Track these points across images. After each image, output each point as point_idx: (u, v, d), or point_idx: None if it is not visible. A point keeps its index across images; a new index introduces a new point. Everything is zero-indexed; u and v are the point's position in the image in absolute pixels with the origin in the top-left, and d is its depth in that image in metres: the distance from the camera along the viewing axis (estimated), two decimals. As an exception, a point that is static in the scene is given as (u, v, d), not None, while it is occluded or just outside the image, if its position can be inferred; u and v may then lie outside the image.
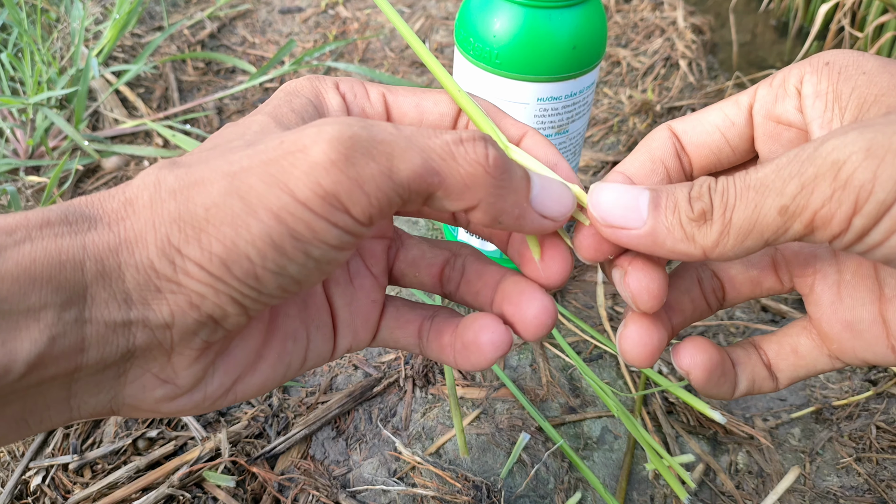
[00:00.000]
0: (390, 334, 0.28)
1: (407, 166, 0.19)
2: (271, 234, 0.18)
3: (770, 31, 0.94)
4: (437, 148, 0.20)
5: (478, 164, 0.20)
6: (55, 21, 0.84)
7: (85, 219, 0.19)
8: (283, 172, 0.18)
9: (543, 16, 0.40)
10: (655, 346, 0.25)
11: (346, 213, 0.19)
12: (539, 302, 0.24)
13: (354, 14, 0.94)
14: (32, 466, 0.44)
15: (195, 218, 0.18)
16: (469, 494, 0.42)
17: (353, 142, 0.19)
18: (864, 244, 0.19)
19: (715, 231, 0.21)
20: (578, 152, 0.49)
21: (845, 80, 0.23)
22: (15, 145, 0.68)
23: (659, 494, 0.43)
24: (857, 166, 0.18)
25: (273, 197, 0.18)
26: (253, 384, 0.24)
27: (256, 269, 0.19)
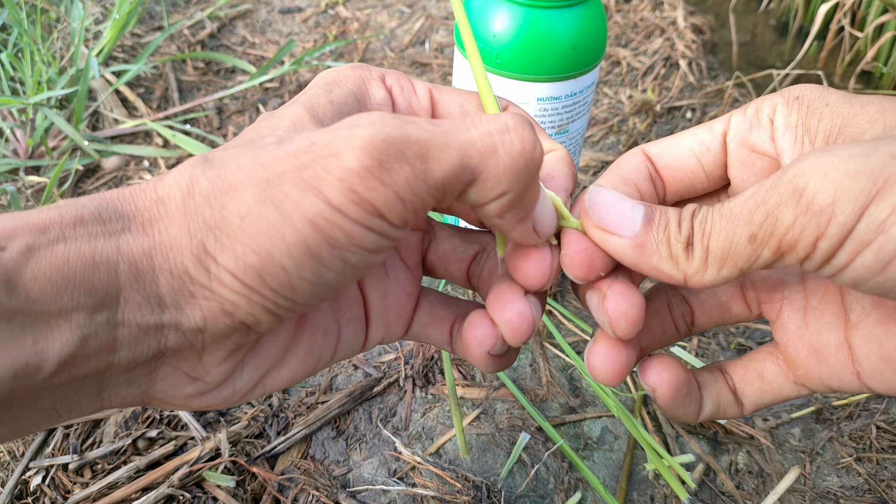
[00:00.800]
0: (423, 330, 0.27)
1: (441, 167, 0.19)
2: (307, 243, 0.18)
3: (770, 31, 0.94)
4: (476, 141, 0.19)
5: (521, 157, 0.19)
6: (55, 21, 0.84)
7: (118, 217, 0.19)
8: (317, 178, 0.18)
9: (543, 16, 0.40)
10: (624, 365, 0.25)
11: (381, 217, 0.19)
12: (515, 308, 0.23)
13: (354, 14, 0.94)
14: (32, 466, 0.44)
15: (230, 226, 0.18)
16: (469, 494, 0.42)
17: (386, 145, 0.18)
18: (831, 266, 0.20)
19: (696, 258, 0.22)
20: (578, 152, 0.49)
21: (812, 112, 0.23)
22: (15, 145, 0.68)
23: (659, 494, 0.43)
24: (817, 191, 0.19)
25: (308, 203, 0.18)
26: (281, 377, 0.24)
27: (292, 279, 0.19)
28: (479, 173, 0.19)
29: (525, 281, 0.24)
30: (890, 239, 0.18)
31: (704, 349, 0.52)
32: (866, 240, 0.19)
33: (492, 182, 0.19)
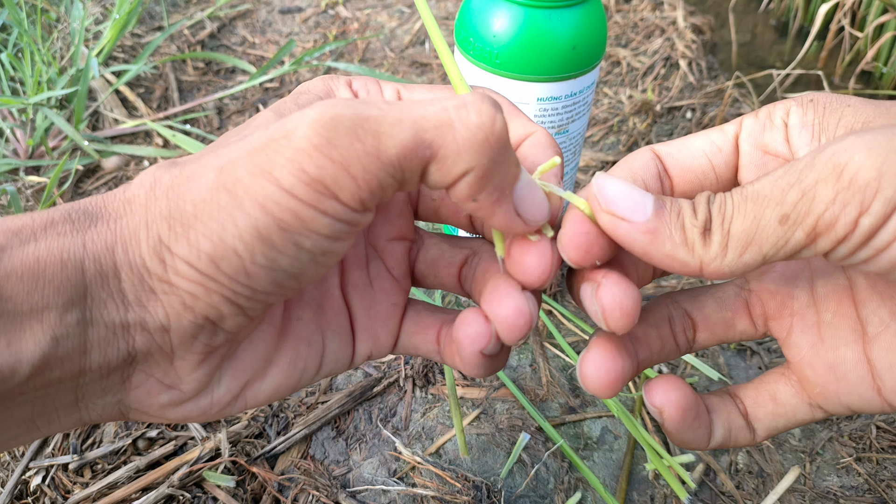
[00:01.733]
0: (410, 340, 0.26)
1: (395, 142, 0.18)
2: (258, 226, 0.18)
3: (770, 31, 0.94)
4: (431, 116, 0.18)
5: (479, 130, 0.18)
6: (55, 21, 0.84)
7: (87, 216, 0.19)
8: (268, 161, 0.18)
9: (543, 16, 0.40)
10: (618, 376, 0.24)
11: (334, 199, 0.18)
12: (512, 302, 0.22)
13: (354, 14, 0.94)
14: (32, 466, 0.44)
15: (184, 214, 0.18)
16: (469, 494, 0.42)
17: (335, 122, 0.18)
18: (870, 247, 0.19)
19: (714, 243, 0.20)
20: (578, 152, 0.49)
21: (831, 112, 0.23)
22: (15, 145, 0.68)
23: (659, 494, 0.43)
24: (861, 165, 0.18)
25: (258, 187, 0.18)
26: (264, 390, 0.23)
27: (245, 265, 0.18)
28: (436, 148, 0.18)
29: (524, 277, 0.22)
30: None
31: (704, 349, 0.52)
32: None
33: (452, 157, 0.19)
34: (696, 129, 0.73)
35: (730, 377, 0.50)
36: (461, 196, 0.20)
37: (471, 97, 0.19)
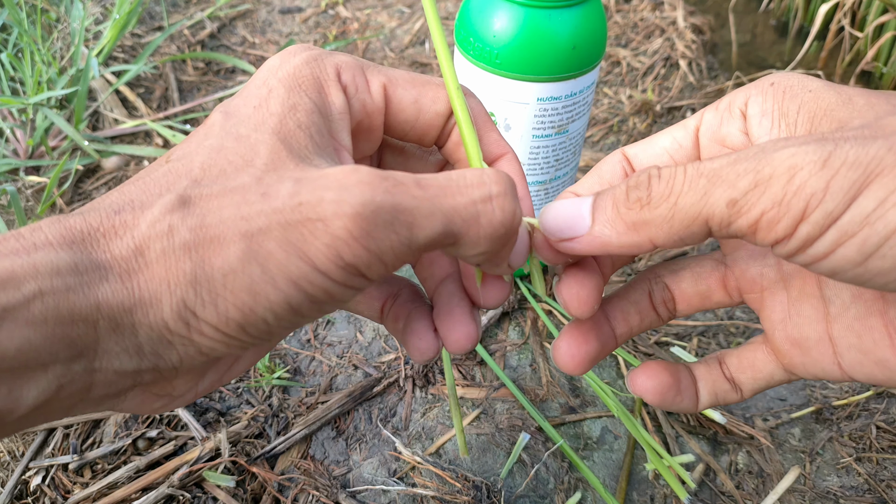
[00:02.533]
0: (355, 305, 0.28)
1: (426, 234, 0.19)
2: (290, 302, 0.19)
3: (770, 31, 0.94)
4: (461, 209, 0.20)
5: (502, 227, 0.20)
6: (55, 21, 0.84)
7: (96, 268, 0.18)
8: (304, 241, 0.18)
9: (543, 16, 0.40)
10: (586, 355, 0.27)
11: (362, 276, 0.19)
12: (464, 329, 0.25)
13: (354, 14, 0.94)
14: (32, 466, 0.44)
15: (212, 282, 0.18)
16: (469, 494, 0.42)
17: (375, 216, 0.18)
18: (807, 255, 0.19)
19: (659, 215, 0.21)
20: (578, 152, 0.49)
21: (791, 98, 0.23)
22: (15, 145, 0.68)
23: (659, 494, 0.43)
24: (812, 175, 0.18)
25: (293, 267, 0.18)
26: (236, 371, 0.25)
27: (272, 329, 0.19)
28: (460, 237, 0.20)
29: (487, 301, 0.25)
30: (874, 232, 0.18)
31: (704, 349, 0.52)
32: (850, 231, 0.18)
33: (471, 245, 0.20)
34: (696, 129, 0.73)
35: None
36: (468, 258, 0.22)
37: (495, 188, 0.20)
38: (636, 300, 0.28)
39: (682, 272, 0.28)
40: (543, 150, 0.46)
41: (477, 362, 0.51)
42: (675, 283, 0.28)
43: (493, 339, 0.52)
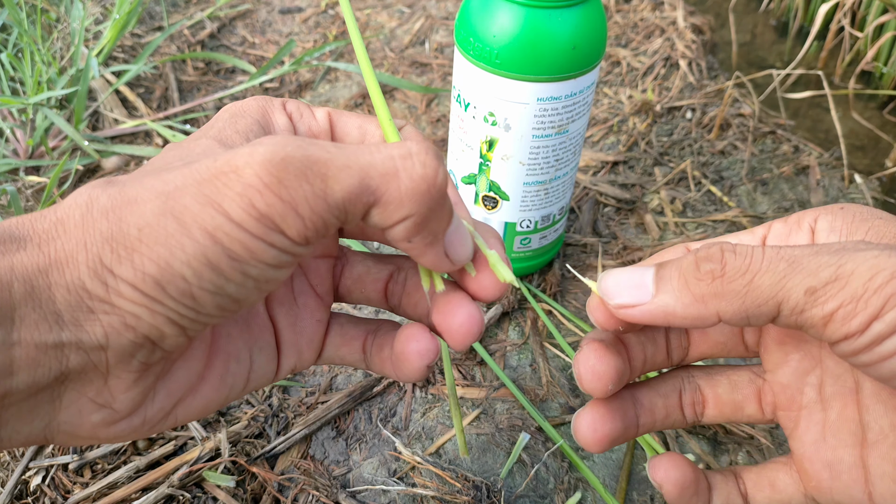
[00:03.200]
0: (336, 352, 0.28)
1: (342, 186, 0.19)
2: (207, 254, 0.18)
3: (770, 31, 0.94)
4: (378, 164, 0.20)
5: (423, 181, 0.20)
6: (55, 21, 0.84)
7: (14, 240, 0.18)
8: (218, 193, 0.18)
9: (543, 16, 0.40)
10: (608, 436, 0.26)
11: (281, 233, 0.19)
12: (465, 311, 0.24)
13: (354, 14, 0.94)
14: (32, 466, 0.44)
15: (128, 237, 0.18)
16: (469, 494, 0.42)
17: (285, 163, 0.18)
18: (873, 353, 0.19)
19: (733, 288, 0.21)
20: (578, 152, 0.49)
21: (861, 221, 0.23)
22: (15, 145, 0.68)
23: (659, 494, 0.43)
24: (893, 277, 0.19)
25: (207, 216, 0.18)
26: (194, 406, 0.23)
27: (192, 289, 0.18)
28: (380, 195, 0.20)
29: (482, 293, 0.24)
30: None
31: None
32: None
33: (394, 205, 0.20)
34: (696, 129, 0.73)
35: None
36: (397, 237, 0.21)
37: (416, 147, 0.20)
38: (665, 394, 0.28)
39: (718, 377, 0.28)
40: (543, 151, 0.46)
41: (477, 362, 0.51)
42: (710, 386, 0.28)
43: (492, 339, 0.52)
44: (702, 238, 0.60)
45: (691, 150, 0.71)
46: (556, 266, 0.57)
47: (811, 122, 0.77)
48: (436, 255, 0.22)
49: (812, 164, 0.68)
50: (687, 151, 0.71)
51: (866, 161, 0.72)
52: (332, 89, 0.80)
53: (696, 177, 0.67)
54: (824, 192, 0.66)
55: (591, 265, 0.58)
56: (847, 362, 0.21)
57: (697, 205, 0.64)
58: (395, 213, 0.20)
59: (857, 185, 0.66)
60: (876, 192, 0.66)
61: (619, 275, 0.23)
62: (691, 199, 0.65)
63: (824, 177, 0.68)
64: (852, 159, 0.71)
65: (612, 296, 0.23)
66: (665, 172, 0.68)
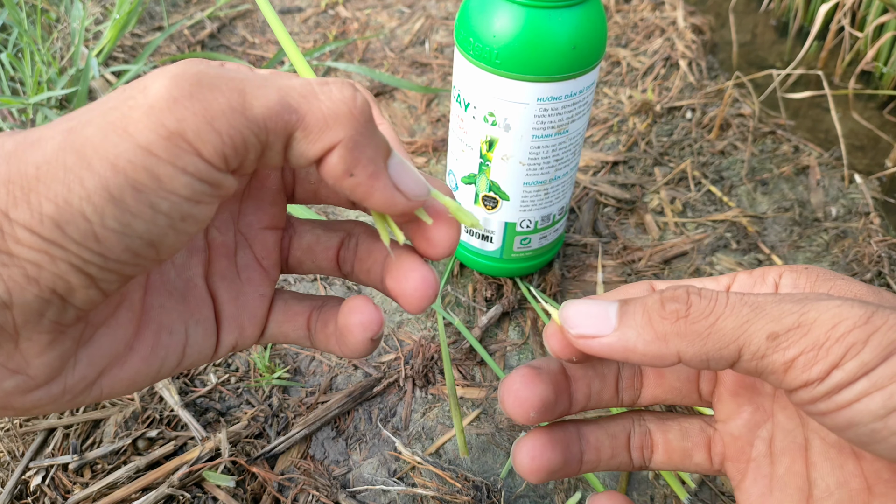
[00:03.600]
0: (279, 328, 0.26)
1: (261, 102, 0.18)
2: (108, 187, 0.16)
3: (770, 31, 0.94)
4: (297, 86, 0.19)
5: (342, 103, 0.19)
6: (55, 21, 0.84)
7: None
8: (123, 117, 0.17)
9: (543, 16, 0.40)
10: (546, 466, 0.25)
11: (196, 154, 0.17)
12: (419, 273, 0.23)
13: (354, 14, 0.94)
14: (32, 466, 0.44)
15: (25, 177, 0.16)
16: (469, 494, 0.42)
17: (198, 77, 0.17)
18: (831, 401, 0.19)
19: (694, 332, 0.21)
20: (578, 152, 0.49)
21: (824, 280, 0.24)
22: (15, 145, 0.68)
23: (659, 494, 0.43)
24: (855, 327, 0.19)
25: (110, 144, 0.16)
26: (122, 378, 0.22)
27: (95, 228, 0.17)
28: (302, 113, 0.18)
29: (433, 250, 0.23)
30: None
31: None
32: (880, 384, 0.19)
33: (318, 126, 0.19)
34: (696, 129, 0.73)
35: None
36: (336, 172, 0.19)
37: (333, 79, 0.20)
38: (614, 434, 0.27)
39: (669, 423, 0.27)
40: (543, 151, 0.46)
41: (477, 362, 0.51)
42: (661, 431, 0.27)
43: (492, 339, 0.52)
44: (702, 238, 0.60)
45: (691, 150, 0.71)
46: (556, 266, 0.57)
47: (811, 122, 0.77)
48: (385, 189, 0.21)
49: (812, 164, 0.68)
50: (687, 151, 0.71)
51: (866, 161, 0.72)
52: (332, 89, 0.80)
53: (696, 177, 0.67)
54: (824, 192, 0.66)
55: (591, 265, 0.58)
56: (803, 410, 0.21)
57: (697, 205, 0.64)
58: (321, 137, 0.19)
59: (856, 184, 0.66)
60: (876, 192, 0.66)
61: (582, 305, 0.23)
62: (691, 199, 0.65)
63: (824, 177, 0.68)
64: (852, 159, 0.71)
65: (573, 325, 0.23)
66: (665, 172, 0.68)
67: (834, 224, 0.62)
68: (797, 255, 0.59)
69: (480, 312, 0.54)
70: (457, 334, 0.52)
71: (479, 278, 0.56)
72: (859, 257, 0.58)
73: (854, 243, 0.60)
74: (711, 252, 0.60)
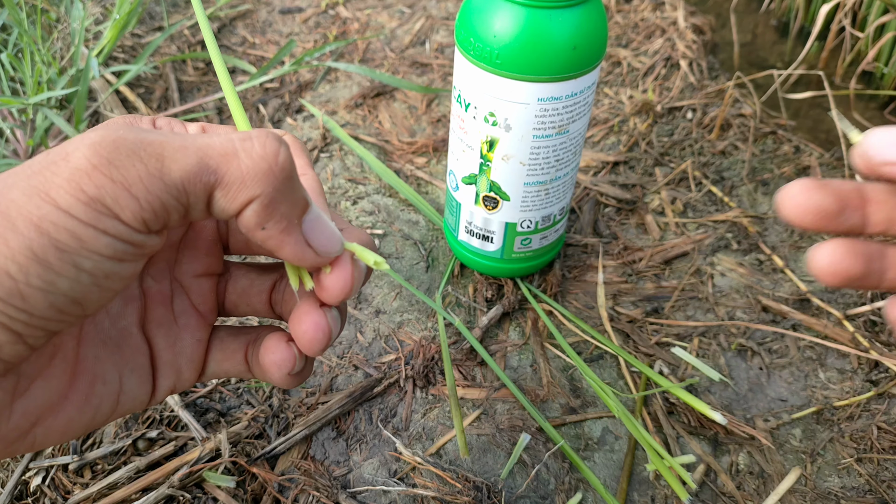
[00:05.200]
0: (219, 367, 0.27)
1: (179, 165, 0.18)
2: (32, 247, 0.17)
3: (771, 32, 0.94)
4: (216, 146, 0.19)
5: (262, 160, 0.19)
6: (55, 21, 0.84)
7: None
8: (45, 182, 0.17)
9: (544, 16, 0.40)
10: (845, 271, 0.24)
11: (115, 218, 0.18)
12: (311, 319, 0.24)
13: (355, 14, 0.94)
14: (32, 467, 0.44)
15: None
16: (469, 495, 0.42)
17: (116, 144, 0.18)
18: None
19: None
20: (579, 153, 0.49)
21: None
22: (15, 145, 0.68)
23: (660, 495, 0.43)
24: None
25: (33, 207, 0.17)
26: (55, 428, 0.22)
27: (20, 287, 0.17)
28: (221, 174, 0.19)
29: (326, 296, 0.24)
30: None
31: (705, 349, 0.52)
32: None
33: (236, 184, 0.19)
34: (696, 129, 0.73)
35: (730, 377, 0.50)
36: (249, 224, 0.20)
37: (256, 132, 0.20)
38: None
39: None
40: (544, 151, 0.46)
41: (477, 363, 0.51)
42: None
43: (493, 339, 0.52)
44: (703, 238, 0.60)
45: (692, 151, 0.71)
46: (557, 266, 0.57)
47: (812, 122, 0.77)
48: (295, 244, 0.21)
49: (813, 165, 0.68)
50: (688, 152, 0.71)
51: (867, 161, 0.71)
52: (333, 89, 0.80)
53: (697, 177, 0.67)
54: (825, 192, 0.66)
55: (591, 265, 0.58)
56: None
57: (698, 205, 0.64)
58: (238, 195, 0.19)
59: (857, 185, 0.66)
60: (877, 193, 0.66)
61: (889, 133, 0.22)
62: (692, 200, 0.65)
63: (825, 177, 0.68)
64: (853, 159, 0.71)
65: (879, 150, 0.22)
66: (666, 173, 0.68)
67: (835, 224, 0.62)
68: (798, 255, 0.59)
69: (481, 313, 0.54)
70: (457, 335, 0.52)
71: (480, 279, 0.56)
72: (860, 258, 0.58)
73: (855, 244, 0.60)
74: (712, 252, 0.59)
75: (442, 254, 0.59)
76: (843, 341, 0.52)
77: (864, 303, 0.55)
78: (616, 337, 0.52)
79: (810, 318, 0.54)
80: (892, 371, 0.49)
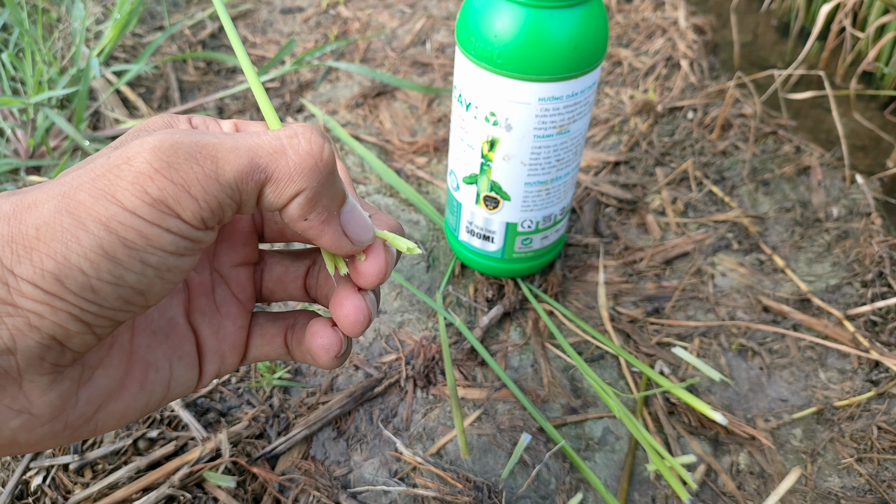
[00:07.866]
0: (260, 351, 0.28)
1: (233, 166, 0.20)
2: (102, 245, 0.19)
3: (771, 32, 0.94)
4: (266, 144, 0.21)
5: (309, 156, 0.21)
6: (56, 21, 0.84)
7: None
8: (110, 185, 0.19)
9: (545, 15, 0.40)
10: None
11: (177, 217, 0.19)
12: (351, 303, 0.25)
13: (355, 14, 0.94)
14: (33, 467, 0.44)
15: (26, 237, 0.18)
16: (470, 495, 0.42)
17: (174, 148, 0.19)
18: None
19: None
20: (580, 152, 0.49)
21: None
22: (16, 145, 0.68)
23: (660, 495, 0.43)
24: None
25: (101, 208, 0.19)
26: (115, 413, 0.24)
27: (91, 281, 0.19)
28: (270, 171, 0.21)
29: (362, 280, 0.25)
30: None
31: (706, 349, 0.52)
32: None
33: (285, 180, 0.21)
34: (697, 129, 0.73)
35: (731, 377, 0.50)
36: (293, 216, 0.22)
37: (300, 128, 0.21)
38: None
39: None
40: (545, 151, 0.46)
41: (478, 363, 0.51)
42: None
43: (494, 339, 0.52)
44: (703, 238, 0.60)
45: (693, 151, 0.71)
46: (558, 266, 0.57)
47: (812, 122, 0.77)
48: (334, 234, 0.23)
49: (813, 165, 0.68)
50: (688, 152, 0.71)
51: (867, 161, 0.71)
52: (333, 89, 0.80)
53: (698, 177, 0.67)
54: (826, 192, 0.66)
55: (592, 265, 0.58)
56: None
57: (699, 205, 0.64)
58: (287, 189, 0.21)
59: (858, 185, 0.66)
60: (877, 193, 0.66)
61: None
62: (693, 200, 0.65)
63: (825, 177, 0.67)
64: (853, 160, 0.71)
65: None
66: (666, 173, 0.68)
67: (835, 224, 0.62)
68: (798, 255, 0.59)
69: (482, 313, 0.54)
70: (458, 335, 0.52)
71: (481, 279, 0.56)
72: (860, 258, 0.58)
73: (855, 244, 0.60)
74: (713, 252, 0.59)
75: (443, 254, 0.59)
76: (843, 341, 0.52)
77: (865, 303, 0.55)
78: (617, 337, 0.52)
79: (811, 318, 0.54)
80: (892, 371, 0.49)
